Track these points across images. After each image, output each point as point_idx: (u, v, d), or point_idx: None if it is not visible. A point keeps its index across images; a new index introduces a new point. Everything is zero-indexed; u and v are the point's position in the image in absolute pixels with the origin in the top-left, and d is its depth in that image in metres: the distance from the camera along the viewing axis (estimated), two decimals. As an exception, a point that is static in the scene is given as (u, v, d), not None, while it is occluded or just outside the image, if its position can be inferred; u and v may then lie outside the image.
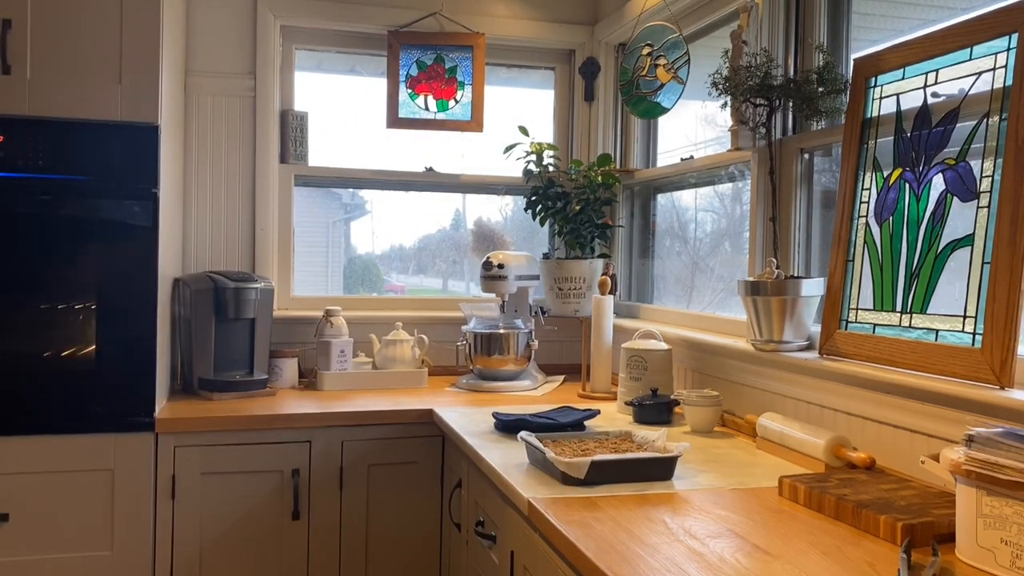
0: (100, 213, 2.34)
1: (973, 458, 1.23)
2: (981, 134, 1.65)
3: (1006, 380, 1.51)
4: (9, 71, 2.25)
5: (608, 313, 2.71)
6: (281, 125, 3.11)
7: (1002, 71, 1.63)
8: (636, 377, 2.40)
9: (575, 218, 3.04)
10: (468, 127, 3.27)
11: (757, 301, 2.06)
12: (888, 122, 1.89)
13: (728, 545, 1.33)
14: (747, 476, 1.75)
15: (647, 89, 2.84)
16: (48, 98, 2.28)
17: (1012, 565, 1.19)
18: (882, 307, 1.84)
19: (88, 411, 2.33)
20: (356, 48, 3.24)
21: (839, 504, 1.46)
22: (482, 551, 1.99)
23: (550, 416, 2.17)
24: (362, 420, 2.49)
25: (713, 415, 2.18)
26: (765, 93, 2.11)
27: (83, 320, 2.35)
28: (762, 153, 2.27)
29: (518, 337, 2.88)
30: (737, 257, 2.75)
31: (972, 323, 1.61)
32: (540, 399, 2.68)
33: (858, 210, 1.93)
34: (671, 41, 2.75)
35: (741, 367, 2.23)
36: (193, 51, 2.96)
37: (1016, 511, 1.18)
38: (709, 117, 2.89)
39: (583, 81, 3.41)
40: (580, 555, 1.33)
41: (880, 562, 1.26)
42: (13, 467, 2.27)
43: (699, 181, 2.94)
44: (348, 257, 3.47)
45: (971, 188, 1.66)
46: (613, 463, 1.68)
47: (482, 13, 3.27)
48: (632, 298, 3.31)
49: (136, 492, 2.33)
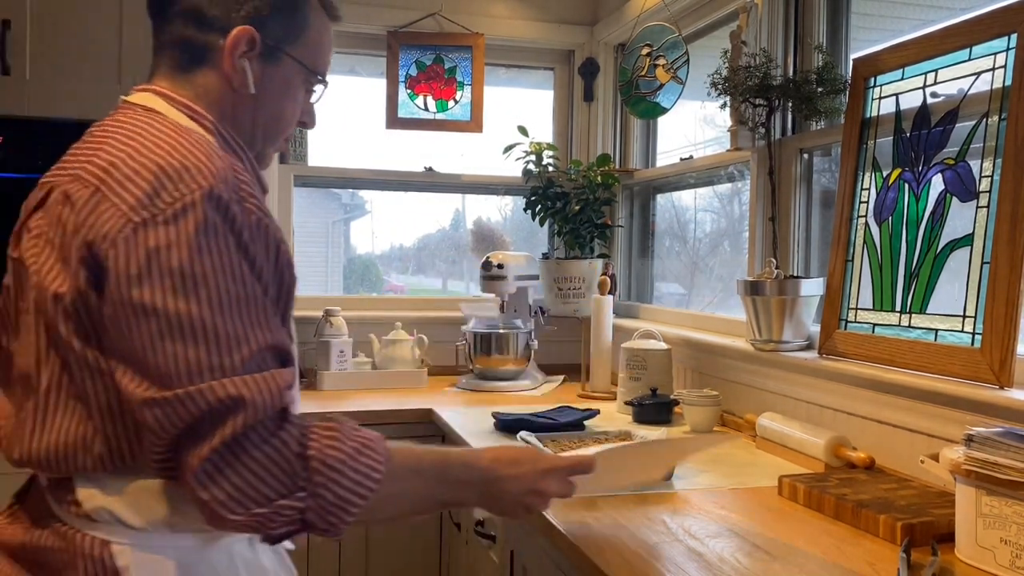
0: (100, 213, 2.34)
1: (973, 458, 1.23)
2: (980, 134, 1.66)
3: (1006, 380, 1.51)
4: (9, 71, 2.25)
5: (608, 313, 2.71)
6: (280, 125, 3.10)
7: (1001, 71, 1.63)
8: (636, 377, 2.40)
9: (574, 218, 3.04)
10: (467, 127, 3.27)
11: (756, 301, 2.06)
12: (887, 122, 1.89)
13: (728, 545, 1.33)
14: (747, 476, 1.75)
15: (646, 89, 2.84)
16: (48, 98, 2.28)
17: (1012, 565, 1.19)
18: (881, 307, 1.84)
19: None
20: (355, 48, 3.24)
21: (839, 504, 1.46)
22: (482, 551, 1.99)
23: (550, 416, 2.17)
24: (362, 420, 2.42)
25: (713, 415, 2.18)
26: (764, 93, 2.11)
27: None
28: (761, 153, 2.27)
29: (518, 337, 2.88)
30: (736, 257, 2.75)
31: (972, 323, 1.61)
32: (540, 399, 2.68)
33: (857, 210, 1.93)
34: (670, 41, 2.76)
35: (741, 367, 2.23)
36: (192, 51, 2.95)
37: (1016, 511, 1.18)
38: (708, 117, 2.90)
39: (582, 81, 3.41)
40: (580, 555, 1.33)
41: (880, 562, 1.26)
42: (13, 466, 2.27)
43: (698, 181, 2.95)
44: (348, 257, 3.47)
45: (970, 188, 1.66)
46: (613, 463, 1.67)
47: (481, 13, 3.27)
48: (631, 298, 3.31)
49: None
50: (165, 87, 1.12)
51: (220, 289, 0.93)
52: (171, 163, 0.96)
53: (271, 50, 1.12)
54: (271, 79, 1.14)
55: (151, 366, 0.91)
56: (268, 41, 1.11)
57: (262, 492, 0.91)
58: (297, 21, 1.15)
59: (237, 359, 0.92)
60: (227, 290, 0.93)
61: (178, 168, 0.96)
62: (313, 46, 1.17)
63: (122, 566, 0.99)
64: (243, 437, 0.91)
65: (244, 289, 0.95)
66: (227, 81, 1.11)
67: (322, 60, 1.20)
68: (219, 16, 1.09)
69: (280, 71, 1.14)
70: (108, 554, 0.99)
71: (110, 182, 0.96)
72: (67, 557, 1.00)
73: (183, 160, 0.97)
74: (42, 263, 0.99)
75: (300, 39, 1.15)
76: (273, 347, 0.96)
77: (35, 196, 1.09)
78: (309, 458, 0.95)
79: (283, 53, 1.14)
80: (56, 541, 1.02)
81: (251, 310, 0.95)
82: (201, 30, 1.09)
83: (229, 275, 0.94)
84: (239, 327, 0.93)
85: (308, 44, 1.16)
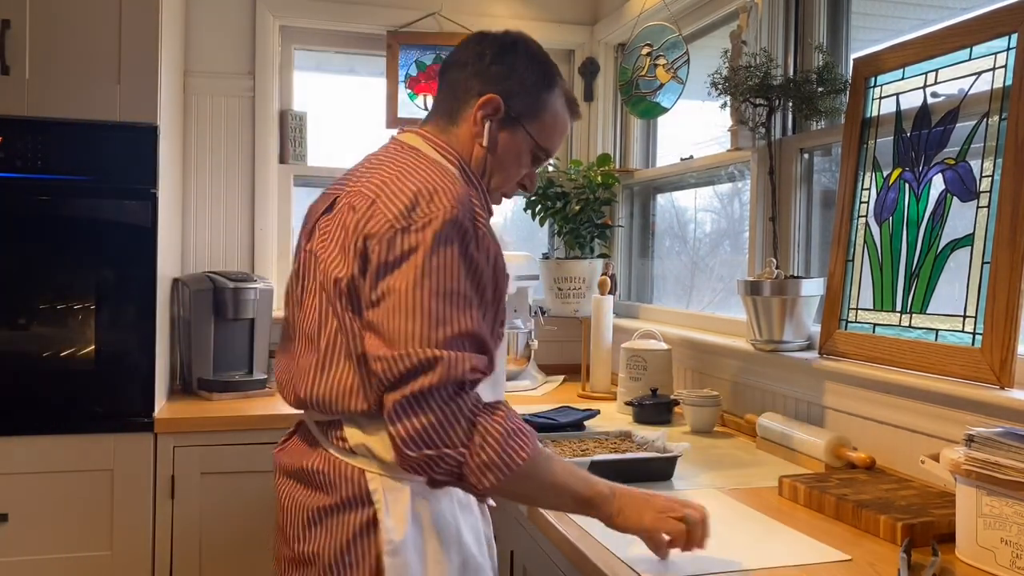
0: (99, 213, 2.34)
1: (973, 458, 1.23)
2: (981, 134, 1.65)
3: (1006, 380, 1.51)
4: (8, 71, 2.24)
5: (608, 313, 2.71)
6: (280, 125, 3.11)
7: (1002, 71, 1.63)
8: (636, 377, 2.40)
9: (575, 218, 3.04)
10: (467, 127, 3.26)
11: (757, 301, 2.06)
12: (888, 122, 1.89)
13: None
14: (747, 476, 1.75)
15: (646, 89, 2.84)
16: (47, 99, 2.27)
17: (1012, 565, 1.19)
18: (882, 307, 1.84)
19: (88, 411, 2.32)
20: (355, 48, 3.24)
21: (839, 504, 1.46)
22: (482, 551, 1.99)
23: (550, 416, 2.17)
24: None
25: (713, 415, 2.18)
26: (765, 93, 2.11)
27: (82, 320, 2.34)
28: (762, 153, 2.27)
29: (518, 337, 2.88)
30: (737, 257, 2.75)
31: (972, 323, 1.61)
32: (540, 399, 2.68)
33: (858, 210, 1.93)
34: (670, 41, 2.75)
35: (741, 367, 2.23)
36: (192, 51, 2.95)
37: (1016, 511, 1.18)
38: (708, 117, 2.89)
39: (583, 81, 3.41)
40: (580, 555, 1.33)
41: (880, 562, 1.26)
42: (13, 467, 2.27)
43: (699, 181, 2.94)
44: (347, 257, 3.47)
45: (971, 188, 1.66)
46: (613, 463, 1.67)
47: (481, 13, 3.27)
48: (632, 298, 3.31)
49: (136, 492, 2.33)
50: (428, 131, 1.44)
51: (441, 282, 1.21)
52: (426, 186, 1.26)
53: (511, 120, 1.41)
54: (506, 142, 1.42)
55: (385, 332, 1.21)
56: (511, 112, 1.41)
57: (433, 438, 1.17)
58: (539, 104, 1.44)
59: (441, 335, 1.19)
60: (445, 284, 1.21)
61: (431, 190, 1.26)
62: (548, 128, 1.45)
63: (373, 489, 1.28)
64: (429, 392, 1.17)
65: (457, 285, 1.22)
66: (473, 135, 1.41)
67: (552, 140, 1.47)
68: (479, 87, 1.40)
69: (515, 138, 1.43)
70: (364, 479, 1.28)
71: (383, 196, 1.27)
72: (333, 478, 1.30)
73: (435, 185, 1.27)
74: (328, 253, 1.31)
75: (538, 118, 1.43)
76: (471, 334, 1.22)
77: (322, 203, 1.41)
78: (476, 424, 1.19)
79: (520, 125, 1.42)
80: (325, 466, 1.32)
81: (460, 302, 1.22)
82: (466, 97, 1.42)
83: (449, 273, 1.22)
84: (448, 312, 1.20)
85: (544, 124, 1.44)
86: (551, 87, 1.46)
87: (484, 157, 1.41)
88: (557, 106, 1.46)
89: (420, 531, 1.29)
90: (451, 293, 1.21)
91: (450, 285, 1.22)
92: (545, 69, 1.46)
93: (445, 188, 1.26)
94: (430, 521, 1.30)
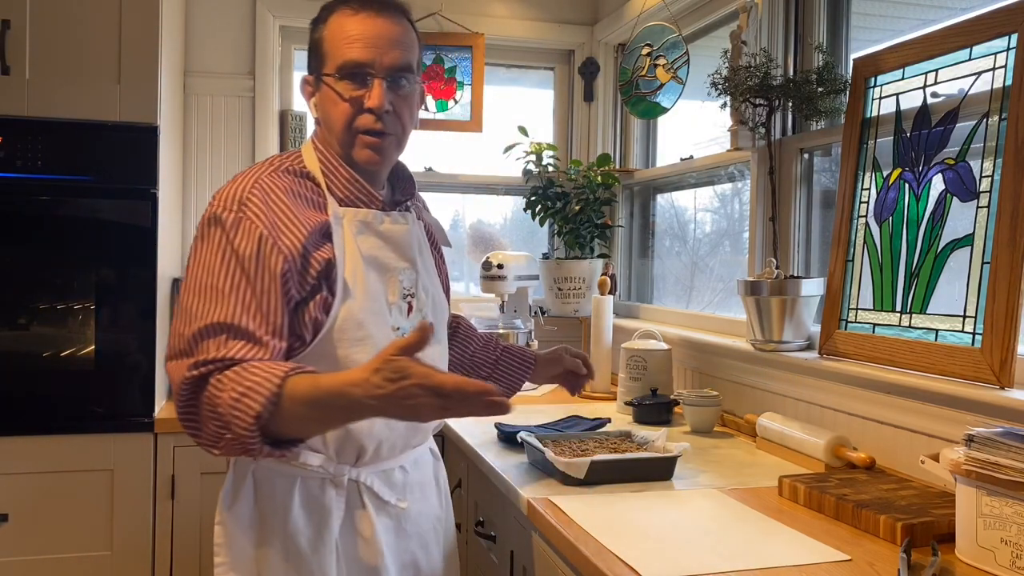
0: (99, 213, 2.34)
1: (973, 458, 1.23)
2: (981, 134, 1.65)
3: (1006, 380, 1.51)
4: (8, 72, 2.25)
5: (608, 313, 2.71)
6: (280, 125, 3.11)
7: (1002, 71, 1.63)
8: (636, 377, 2.40)
9: (575, 218, 3.04)
10: (467, 127, 3.27)
11: (757, 301, 2.06)
12: (888, 122, 1.89)
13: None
14: (747, 476, 1.75)
15: (646, 89, 2.84)
16: (47, 99, 2.28)
17: (1012, 565, 1.19)
18: (882, 307, 1.84)
19: (88, 411, 2.33)
20: (355, 48, 3.24)
21: (839, 504, 1.46)
22: (482, 551, 1.99)
23: (558, 428, 2.14)
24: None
25: (713, 415, 2.18)
26: (764, 93, 2.11)
27: (83, 320, 2.35)
28: (762, 153, 2.27)
29: (517, 337, 2.88)
30: (737, 257, 2.75)
31: (972, 323, 1.61)
32: (539, 399, 2.68)
33: (858, 210, 1.93)
34: (670, 41, 2.75)
35: (741, 367, 2.23)
36: (192, 51, 2.95)
37: (1016, 511, 1.18)
38: (708, 117, 2.89)
39: (583, 81, 3.41)
40: (580, 555, 1.33)
41: (880, 562, 1.26)
42: (13, 467, 2.27)
43: (699, 181, 2.94)
44: (347, 257, 3.46)
45: (971, 188, 1.66)
46: (613, 463, 1.68)
47: (481, 13, 3.27)
48: (632, 298, 3.31)
49: (136, 492, 2.33)
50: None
51: (194, 279, 1.32)
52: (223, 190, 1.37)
53: (317, 81, 1.45)
54: (319, 100, 1.46)
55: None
56: (314, 76, 1.46)
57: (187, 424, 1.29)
58: (318, 44, 1.44)
59: (191, 329, 1.28)
60: (199, 280, 1.31)
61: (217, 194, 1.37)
62: (332, 49, 1.42)
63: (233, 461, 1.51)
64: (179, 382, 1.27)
65: (211, 279, 1.30)
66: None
67: (339, 51, 1.41)
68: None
69: (322, 91, 1.45)
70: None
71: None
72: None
73: (225, 187, 1.37)
74: None
75: (325, 56, 1.43)
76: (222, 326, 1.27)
77: None
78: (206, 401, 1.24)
79: (320, 78, 1.44)
80: None
81: (212, 295, 1.29)
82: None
83: (203, 269, 1.31)
84: (198, 307, 1.29)
85: (328, 52, 1.42)
86: (318, 22, 1.45)
87: (319, 127, 1.48)
88: (331, 26, 1.42)
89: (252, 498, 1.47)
90: (203, 288, 1.30)
91: (204, 280, 1.30)
92: (317, 18, 1.46)
93: (225, 187, 1.37)
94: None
